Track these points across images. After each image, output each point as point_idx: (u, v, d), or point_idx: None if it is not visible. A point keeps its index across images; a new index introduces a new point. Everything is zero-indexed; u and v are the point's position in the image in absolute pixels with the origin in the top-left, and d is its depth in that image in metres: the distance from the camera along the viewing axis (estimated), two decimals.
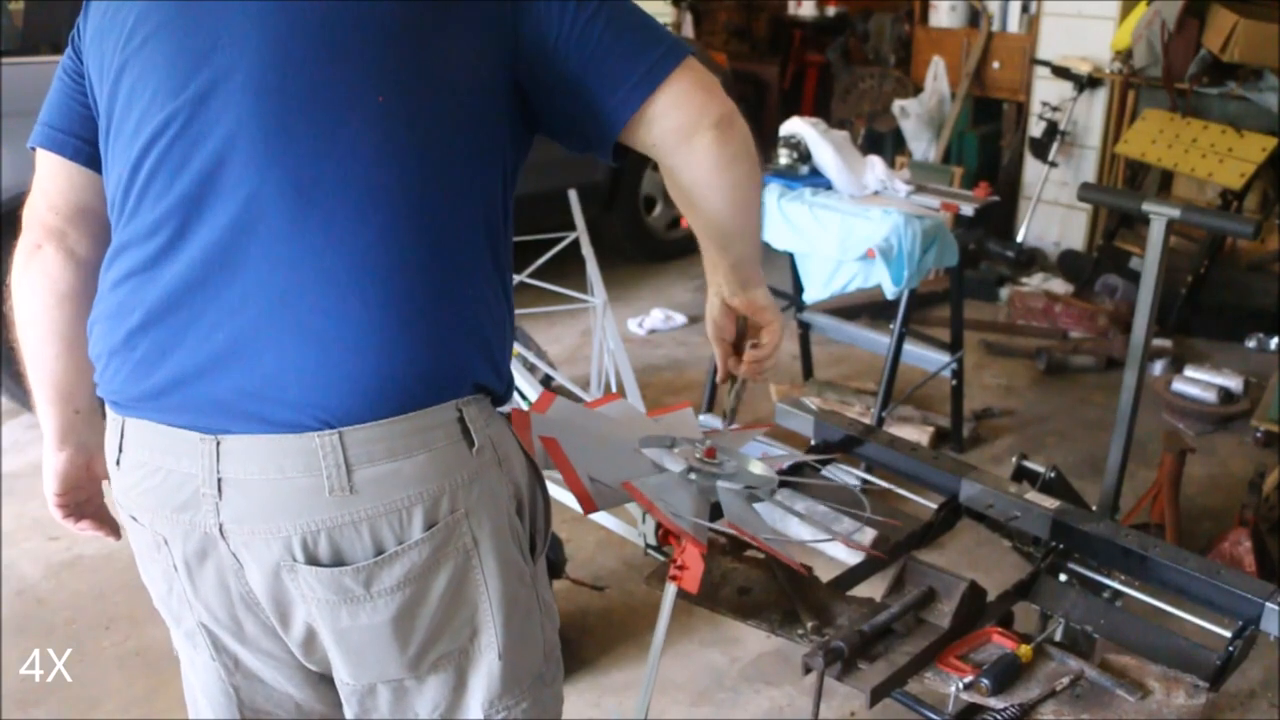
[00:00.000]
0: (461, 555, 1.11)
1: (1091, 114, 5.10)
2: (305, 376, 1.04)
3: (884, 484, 1.94)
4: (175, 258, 1.08)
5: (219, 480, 1.08)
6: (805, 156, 3.14)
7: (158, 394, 1.09)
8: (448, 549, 1.10)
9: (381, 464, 1.06)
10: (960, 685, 1.36)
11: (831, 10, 7.39)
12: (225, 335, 1.05)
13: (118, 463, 1.16)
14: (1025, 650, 1.40)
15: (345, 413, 1.04)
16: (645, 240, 5.20)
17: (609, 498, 1.36)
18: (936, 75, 5.58)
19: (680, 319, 4.54)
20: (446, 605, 1.13)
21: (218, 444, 1.07)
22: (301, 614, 1.13)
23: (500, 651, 1.17)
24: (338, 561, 1.08)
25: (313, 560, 1.08)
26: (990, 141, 5.64)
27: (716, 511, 1.36)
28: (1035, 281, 4.87)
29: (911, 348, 3.15)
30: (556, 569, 2.45)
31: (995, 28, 5.45)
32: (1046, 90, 5.19)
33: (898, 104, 5.55)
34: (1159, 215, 2.14)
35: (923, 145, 5.52)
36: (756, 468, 1.44)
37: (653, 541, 1.45)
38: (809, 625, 1.46)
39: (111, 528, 1.38)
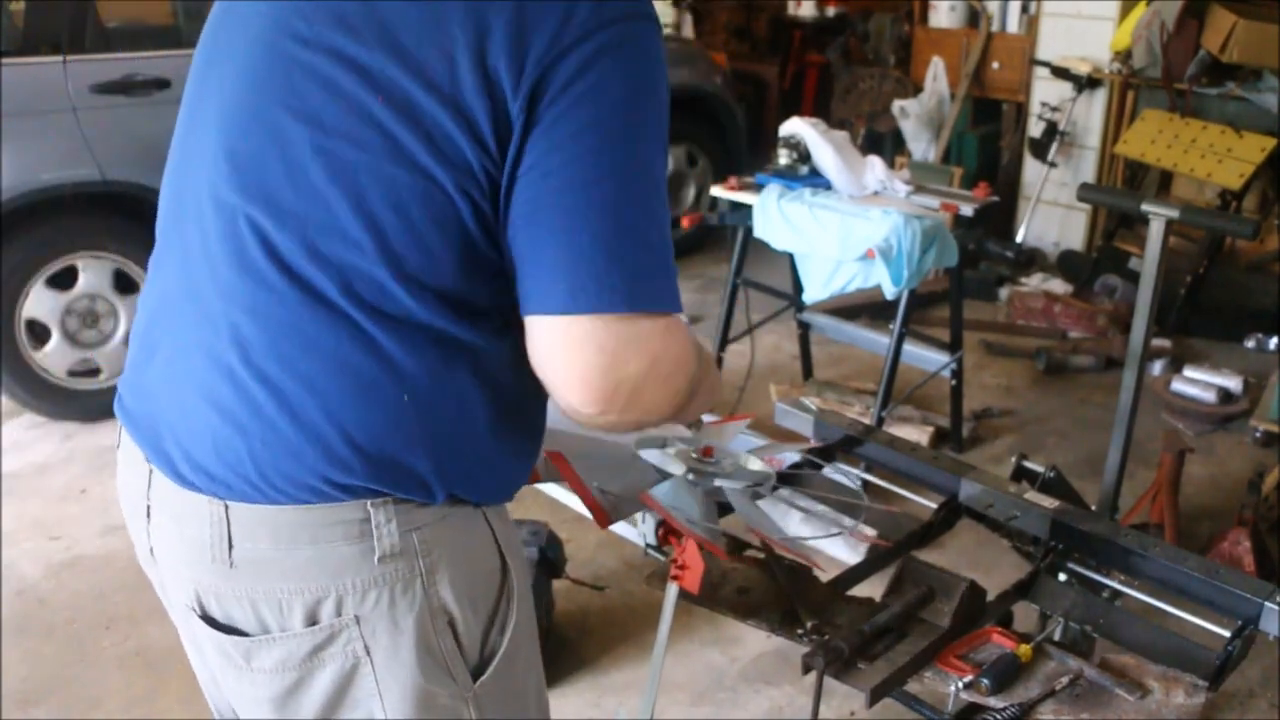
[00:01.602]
0: (349, 659, 1.01)
1: (1091, 114, 5.10)
2: (209, 441, 0.98)
3: (884, 484, 1.94)
4: (157, 276, 1.08)
5: (148, 507, 1.07)
6: (805, 156, 3.14)
7: (124, 397, 1.10)
8: (331, 650, 1.00)
9: (262, 547, 0.98)
10: (960, 685, 1.36)
11: (831, 10, 7.40)
12: (172, 372, 1.02)
13: (118, 445, 1.15)
14: (1025, 650, 1.40)
15: (238, 490, 0.97)
16: None
17: (622, 508, 1.34)
18: (936, 75, 5.58)
19: (681, 319, 4.53)
20: (333, 704, 1.03)
21: (150, 472, 1.05)
22: (208, 657, 1.10)
23: None
24: (229, 625, 1.03)
25: (206, 617, 1.04)
26: (990, 142, 5.64)
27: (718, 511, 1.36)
28: (1035, 281, 4.87)
29: (911, 348, 3.15)
30: (556, 569, 2.45)
31: (995, 28, 5.45)
32: (1046, 90, 5.18)
33: (897, 104, 5.55)
34: (1158, 215, 2.14)
35: (922, 145, 5.52)
36: (753, 464, 1.44)
37: (653, 541, 1.45)
38: (809, 625, 1.45)
39: None
